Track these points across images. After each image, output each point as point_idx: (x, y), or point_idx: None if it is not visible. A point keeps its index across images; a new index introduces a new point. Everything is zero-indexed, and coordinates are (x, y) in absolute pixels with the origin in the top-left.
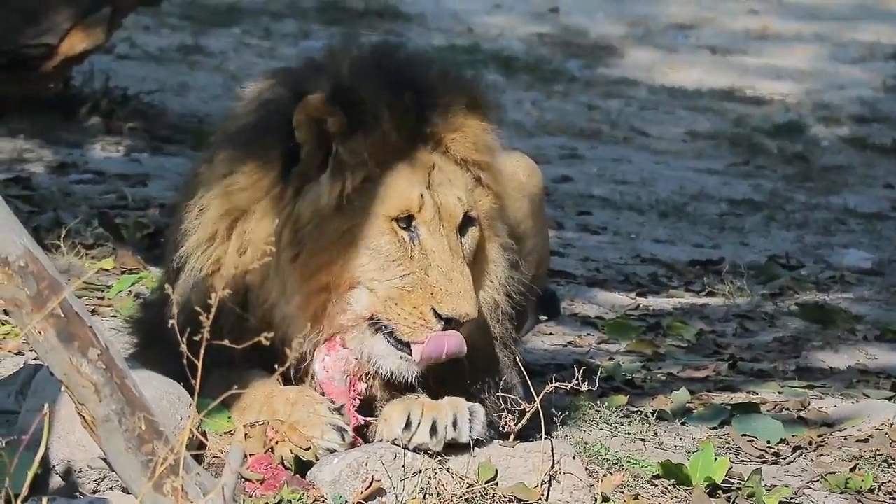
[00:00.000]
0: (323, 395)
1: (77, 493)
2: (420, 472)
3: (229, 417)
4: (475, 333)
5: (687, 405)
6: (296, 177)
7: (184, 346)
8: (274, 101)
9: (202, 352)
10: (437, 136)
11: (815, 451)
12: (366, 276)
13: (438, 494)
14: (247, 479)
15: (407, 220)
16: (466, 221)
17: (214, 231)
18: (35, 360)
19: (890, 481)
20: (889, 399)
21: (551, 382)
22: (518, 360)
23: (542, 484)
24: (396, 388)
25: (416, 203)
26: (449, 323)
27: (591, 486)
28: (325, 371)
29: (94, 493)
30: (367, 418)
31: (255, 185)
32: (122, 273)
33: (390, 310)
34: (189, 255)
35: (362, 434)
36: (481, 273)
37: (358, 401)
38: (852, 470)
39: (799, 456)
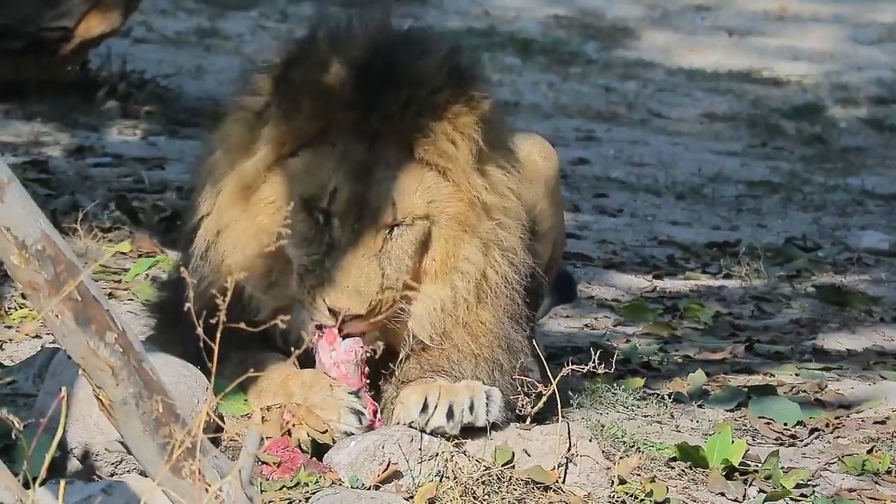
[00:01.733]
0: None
1: (94, 476)
2: (437, 455)
3: (246, 400)
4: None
5: (703, 387)
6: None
7: (200, 330)
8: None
9: (218, 334)
10: (396, 131)
11: (832, 432)
12: (288, 250)
13: (455, 477)
14: (264, 462)
15: (323, 208)
16: (398, 223)
17: (224, 202)
18: (52, 343)
19: None
20: None
21: (568, 365)
22: (535, 342)
23: (558, 466)
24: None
25: (325, 195)
26: (334, 316)
27: (608, 468)
28: (337, 366)
29: (112, 476)
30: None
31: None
32: (139, 256)
33: (301, 288)
34: (200, 230)
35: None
36: (452, 270)
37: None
38: (869, 452)
39: (816, 438)
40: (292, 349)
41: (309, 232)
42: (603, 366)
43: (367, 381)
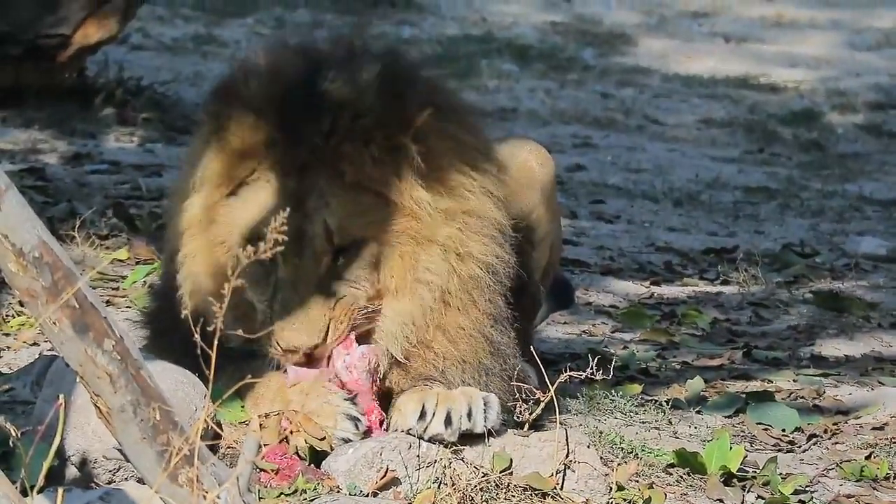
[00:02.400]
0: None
1: (92, 484)
2: (435, 461)
3: (243, 407)
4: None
5: (702, 393)
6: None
7: (198, 336)
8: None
9: (215, 342)
10: (326, 158)
11: (830, 439)
12: (247, 291)
13: (453, 484)
14: (262, 470)
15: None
16: (342, 248)
17: (187, 244)
18: (50, 350)
19: None
20: None
21: (566, 371)
22: (532, 348)
23: (556, 473)
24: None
25: (268, 230)
26: (295, 353)
27: (606, 474)
28: (350, 371)
29: (110, 483)
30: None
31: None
32: (137, 263)
33: (261, 329)
34: (183, 243)
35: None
36: (413, 283)
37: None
38: (868, 458)
39: (814, 444)
40: (289, 355)
41: (257, 273)
42: (601, 372)
43: (378, 389)
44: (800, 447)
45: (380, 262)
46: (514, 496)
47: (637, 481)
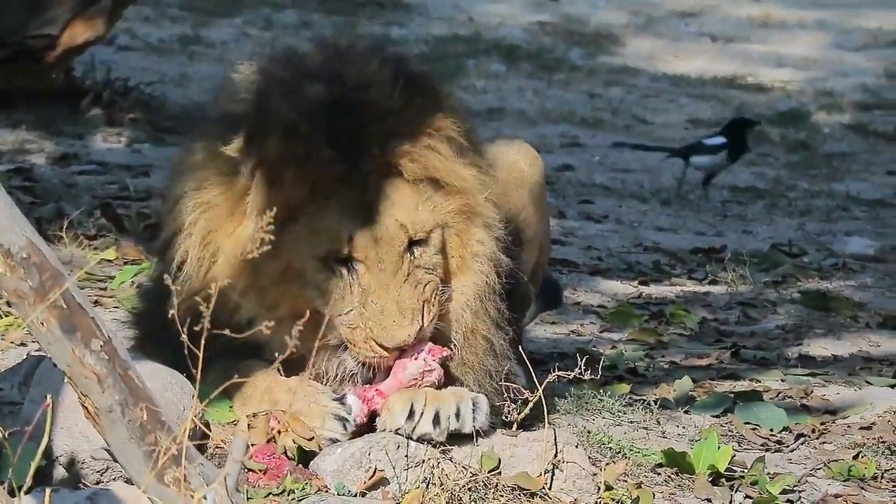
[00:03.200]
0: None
1: (80, 484)
2: (423, 461)
3: (231, 407)
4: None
5: (690, 393)
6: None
7: (185, 336)
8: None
9: (202, 342)
10: (381, 161)
11: (818, 438)
12: (321, 308)
13: (441, 484)
14: (250, 470)
15: (344, 258)
16: (416, 241)
17: (191, 224)
18: (38, 350)
19: (893, 468)
20: (892, 386)
21: (554, 371)
22: (521, 348)
23: (545, 473)
24: None
25: (343, 245)
26: (397, 349)
27: (594, 474)
28: (413, 358)
29: (98, 483)
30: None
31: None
32: (125, 264)
33: (350, 342)
34: (181, 244)
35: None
36: (465, 260)
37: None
38: (855, 457)
39: (802, 444)
40: (276, 355)
41: (337, 288)
42: (589, 372)
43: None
44: (788, 447)
45: (445, 246)
46: (502, 496)
47: (625, 481)
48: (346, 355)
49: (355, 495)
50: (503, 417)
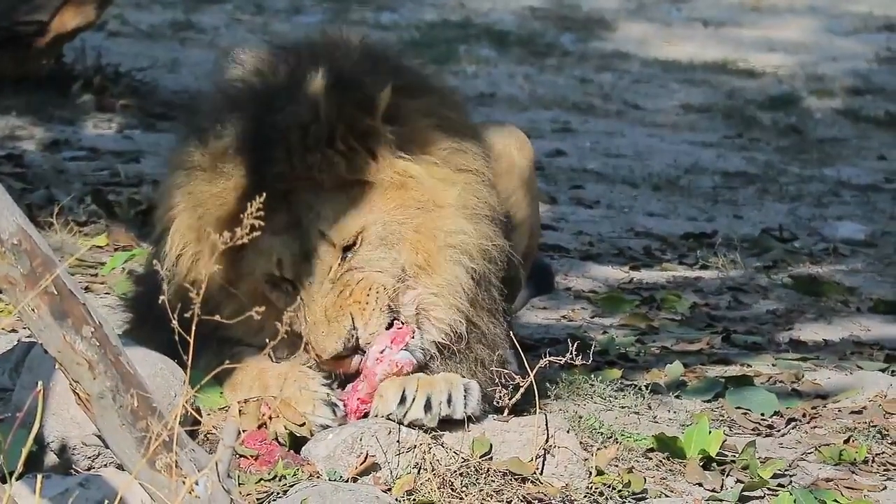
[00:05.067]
0: (358, 375)
1: (72, 470)
2: (414, 447)
3: (222, 393)
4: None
5: (681, 378)
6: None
7: (175, 323)
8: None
9: (193, 328)
10: (299, 176)
11: (809, 423)
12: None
13: (433, 469)
14: (241, 455)
15: (281, 279)
16: (347, 246)
17: (199, 206)
18: (29, 337)
19: (884, 452)
20: (882, 371)
21: (545, 356)
22: (512, 334)
23: (536, 458)
24: None
25: (273, 267)
26: (343, 353)
27: (586, 459)
28: (379, 361)
29: (89, 469)
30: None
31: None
32: (116, 250)
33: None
34: (172, 229)
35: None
36: (437, 254)
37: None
38: (846, 441)
39: (793, 428)
40: (267, 341)
41: (287, 303)
42: (580, 357)
43: None
44: (779, 431)
45: (393, 240)
46: (493, 481)
47: (616, 466)
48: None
49: (347, 481)
50: (495, 403)
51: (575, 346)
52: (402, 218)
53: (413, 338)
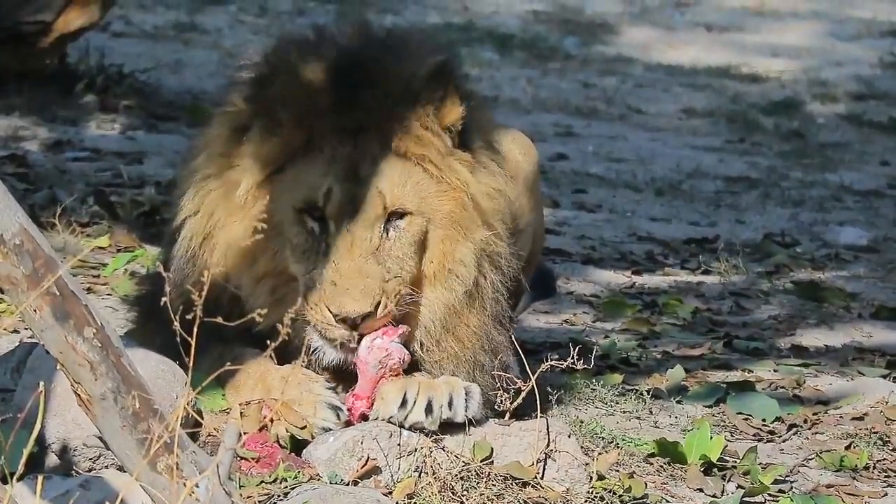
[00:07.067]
0: (354, 371)
1: (73, 471)
2: (415, 450)
3: (224, 395)
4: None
5: (682, 383)
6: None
7: (177, 325)
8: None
9: (195, 329)
10: (377, 127)
11: (810, 429)
12: (292, 268)
13: (433, 473)
14: (242, 458)
15: (317, 213)
16: (395, 214)
17: (210, 207)
18: (31, 338)
19: (885, 459)
20: (884, 377)
21: (547, 361)
22: (513, 338)
23: (537, 462)
24: None
25: (320, 196)
26: (345, 322)
27: (587, 464)
28: (368, 351)
29: (90, 471)
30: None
31: (222, 172)
32: (118, 251)
33: (308, 307)
34: (184, 230)
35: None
36: (445, 272)
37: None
38: (847, 448)
39: (794, 434)
40: (268, 343)
41: (306, 244)
42: (582, 362)
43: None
44: (780, 437)
45: (425, 243)
46: (494, 485)
47: (617, 471)
48: (311, 330)
49: (347, 484)
50: (496, 407)
51: (576, 350)
52: (441, 224)
53: (403, 334)
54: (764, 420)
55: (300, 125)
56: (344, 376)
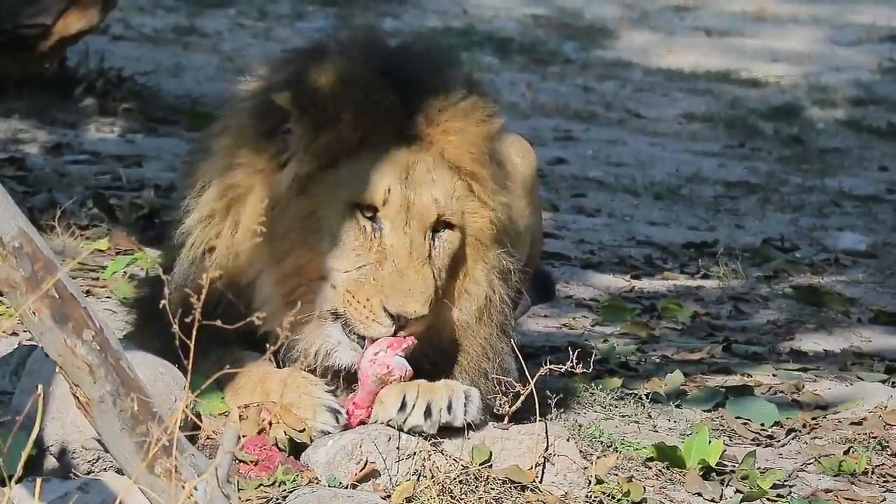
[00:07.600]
0: (355, 377)
1: (71, 474)
2: (414, 454)
3: (223, 398)
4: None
5: (681, 387)
6: (280, 161)
7: (176, 328)
8: (269, 90)
9: (194, 332)
10: (431, 136)
11: (809, 433)
12: (329, 264)
13: (432, 476)
14: (241, 461)
15: (371, 211)
16: (441, 224)
17: (213, 210)
18: (30, 340)
19: (883, 464)
20: (883, 382)
21: (546, 364)
22: (513, 342)
23: (536, 466)
24: None
25: (380, 196)
26: (397, 320)
27: (585, 468)
28: (372, 363)
29: (88, 473)
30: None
31: (250, 167)
32: (117, 254)
33: (347, 302)
34: (188, 233)
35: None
36: (460, 290)
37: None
38: (846, 452)
39: (793, 439)
40: (267, 346)
41: (356, 241)
42: (581, 365)
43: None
44: (778, 441)
45: (457, 256)
46: (493, 489)
47: (616, 475)
48: (331, 328)
49: (346, 487)
50: (495, 411)
51: (575, 354)
52: (470, 240)
53: (408, 347)
54: (763, 424)
55: (359, 124)
56: (344, 380)
